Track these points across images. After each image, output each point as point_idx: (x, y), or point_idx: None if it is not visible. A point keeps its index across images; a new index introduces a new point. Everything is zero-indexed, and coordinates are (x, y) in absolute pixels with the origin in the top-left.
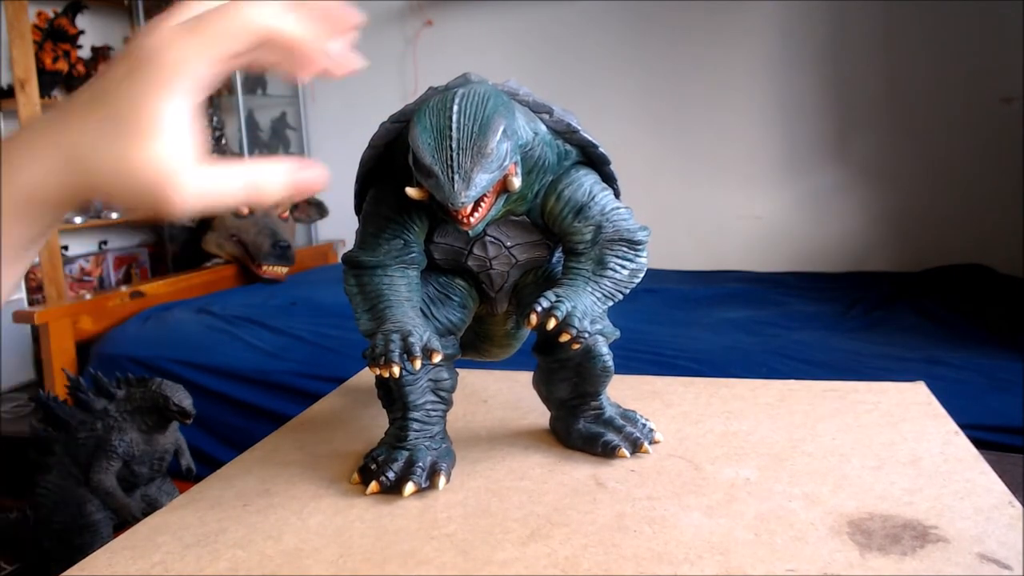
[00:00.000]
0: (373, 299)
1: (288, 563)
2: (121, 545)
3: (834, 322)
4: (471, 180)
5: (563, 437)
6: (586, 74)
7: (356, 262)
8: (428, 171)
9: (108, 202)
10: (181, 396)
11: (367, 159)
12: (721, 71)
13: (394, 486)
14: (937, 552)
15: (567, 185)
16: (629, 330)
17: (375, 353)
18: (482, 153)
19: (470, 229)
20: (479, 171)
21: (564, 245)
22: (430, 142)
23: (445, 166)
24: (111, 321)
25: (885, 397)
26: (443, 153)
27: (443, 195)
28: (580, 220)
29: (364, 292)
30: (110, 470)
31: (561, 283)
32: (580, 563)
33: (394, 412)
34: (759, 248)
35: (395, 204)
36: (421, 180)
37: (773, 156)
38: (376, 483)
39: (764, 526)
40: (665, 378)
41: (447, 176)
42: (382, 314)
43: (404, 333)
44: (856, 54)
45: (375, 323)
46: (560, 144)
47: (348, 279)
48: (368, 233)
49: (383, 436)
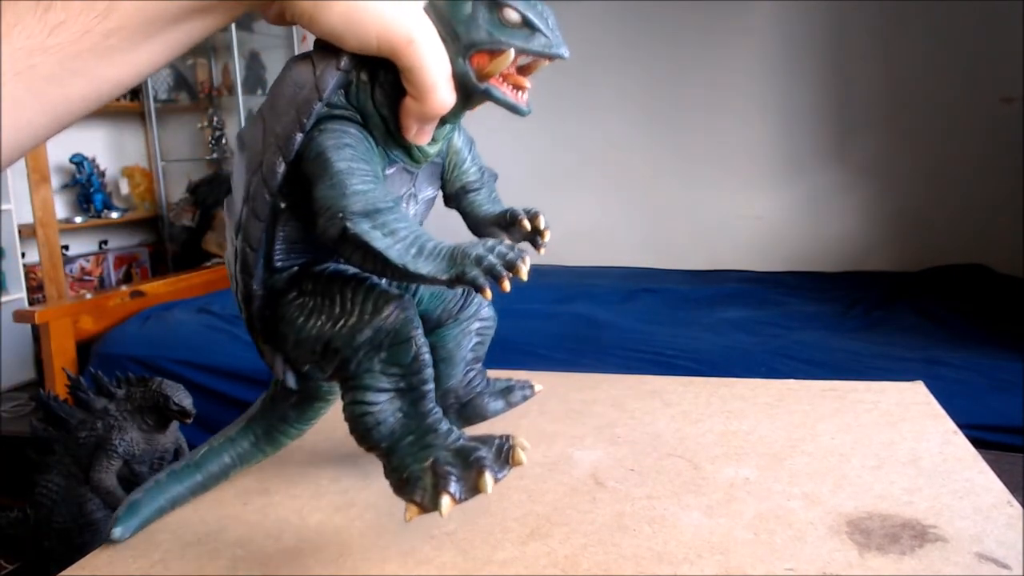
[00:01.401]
0: (413, 239)
1: (288, 563)
2: (121, 544)
3: (834, 322)
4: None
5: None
6: (586, 74)
7: (374, 208)
8: (531, 23)
9: (332, 8)
10: (181, 396)
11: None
12: (721, 71)
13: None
14: (936, 551)
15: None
16: (629, 330)
17: (493, 267)
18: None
19: (527, 107)
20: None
21: (455, 185)
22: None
23: (542, 18)
24: (111, 321)
25: (884, 397)
26: (537, 9)
27: (548, 47)
28: (472, 158)
29: (399, 235)
30: (110, 469)
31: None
32: (580, 563)
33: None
34: (759, 248)
35: (365, 148)
36: (509, 39)
37: (773, 156)
38: (448, 496)
39: (763, 526)
40: (665, 378)
41: (549, 27)
42: (438, 247)
43: (495, 243)
44: (856, 54)
45: (441, 260)
46: None
47: (369, 232)
48: (355, 177)
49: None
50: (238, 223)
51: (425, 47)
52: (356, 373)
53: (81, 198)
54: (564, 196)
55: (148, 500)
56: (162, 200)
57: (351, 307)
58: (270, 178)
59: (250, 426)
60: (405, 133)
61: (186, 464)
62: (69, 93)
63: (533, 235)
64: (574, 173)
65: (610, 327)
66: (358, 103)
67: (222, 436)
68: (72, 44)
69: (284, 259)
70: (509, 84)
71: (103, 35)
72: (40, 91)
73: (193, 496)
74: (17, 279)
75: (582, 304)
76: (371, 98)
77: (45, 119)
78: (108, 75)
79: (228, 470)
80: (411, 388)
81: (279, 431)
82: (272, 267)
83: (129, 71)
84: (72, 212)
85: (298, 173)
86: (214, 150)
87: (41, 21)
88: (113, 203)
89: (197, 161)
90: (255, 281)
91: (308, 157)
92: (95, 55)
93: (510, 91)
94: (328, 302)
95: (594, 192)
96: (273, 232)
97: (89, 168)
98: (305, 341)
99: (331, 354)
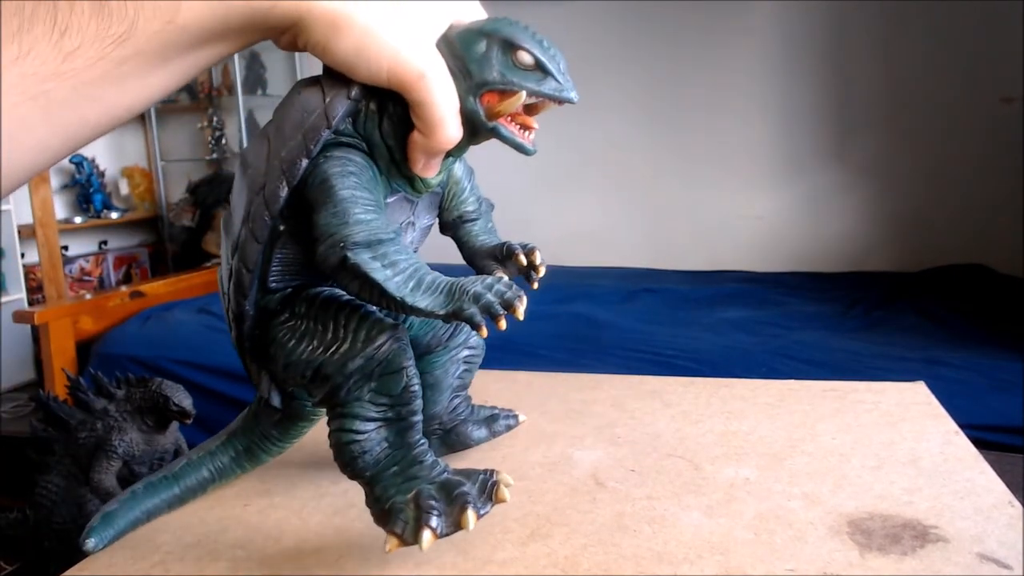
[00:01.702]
0: (412, 272)
1: (288, 563)
2: (121, 545)
3: (834, 322)
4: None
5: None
6: (586, 74)
7: (376, 239)
8: (543, 67)
9: (343, 40)
10: (181, 396)
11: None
12: (721, 71)
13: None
14: (937, 552)
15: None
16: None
17: (490, 306)
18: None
19: (532, 147)
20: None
21: (452, 214)
22: (535, 43)
23: (555, 62)
24: (111, 321)
25: (885, 397)
26: (550, 54)
27: (559, 91)
28: (470, 188)
29: (399, 267)
30: (110, 470)
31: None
32: (580, 563)
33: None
34: (759, 248)
35: (368, 177)
36: (521, 81)
37: (773, 156)
38: (430, 531)
39: (764, 526)
40: (665, 378)
41: (560, 71)
42: (436, 281)
43: (493, 281)
44: (856, 54)
45: (439, 295)
46: None
47: (369, 263)
48: (358, 206)
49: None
50: (235, 243)
51: (435, 83)
52: (345, 400)
53: (81, 198)
54: (564, 196)
55: (123, 511)
56: (162, 200)
57: (344, 334)
58: (272, 202)
59: (231, 441)
60: (412, 166)
61: (163, 476)
62: (83, 117)
63: (528, 270)
64: (574, 173)
65: (610, 327)
66: (365, 132)
67: (202, 449)
68: (86, 70)
69: (279, 280)
70: (516, 123)
71: (117, 62)
72: (54, 115)
73: (170, 509)
74: (17, 279)
75: (582, 304)
76: (378, 128)
77: (58, 141)
78: (120, 101)
79: (206, 484)
80: (399, 418)
81: (260, 448)
82: (266, 287)
83: (141, 96)
84: (72, 212)
85: (301, 198)
86: (214, 150)
87: (56, 47)
88: (113, 203)
89: (197, 161)
90: (248, 302)
91: (312, 183)
92: (108, 81)
93: (517, 130)
94: (321, 327)
95: (594, 192)
96: (270, 253)
97: (89, 168)
98: (295, 364)
99: (321, 380)
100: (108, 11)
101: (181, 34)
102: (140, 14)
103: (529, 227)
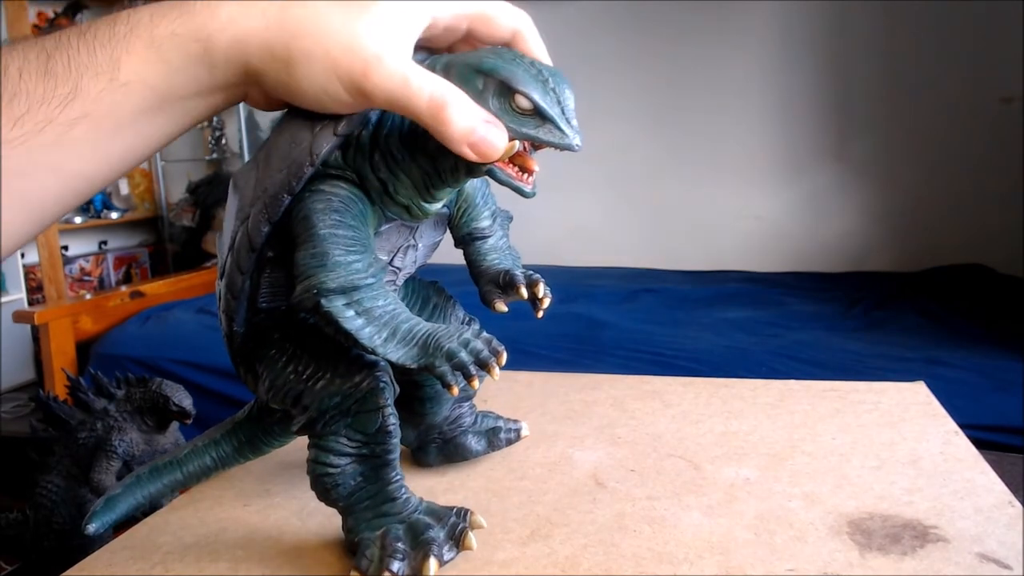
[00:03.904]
0: (387, 320)
1: (288, 563)
2: (121, 545)
3: (834, 322)
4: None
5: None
6: (586, 74)
7: (351, 285)
8: (542, 113)
9: (294, 68)
10: (181, 396)
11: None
12: (721, 71)
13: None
14: (937, 552)
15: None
16: (629, 330)
17: (463, 366)
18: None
19: (531, 189)
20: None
21: (462, 231)
22: (536, 85)
23: (559, 106)
24: (111, 321)
25: (885, 397)
26: (552, 96)
27: (559, 139)
28: (483, 203)
29: (372, 316)
30: (110, 470)
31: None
32: (580, 563)
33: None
34: (759, 248)
35: (355, 212)
36: (518, 128)
37: (773, 156)
38: (390, 574)
39: (764, 526)
40: (665, 378)
41: (564, 117)
42: (412, 331)
43: (470, 337)
44: (856, 54)
45: (413, 347)
46: None
47: (342, 311)
48: (338, 247)
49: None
50: (222, 269)
51: (415, 82)
52: (321, 433)
53: None
54: (564, 196)
55: (126, 495)
56: (162, 200)
57: (325, 366)
58: (255, 236)
59: (235, 430)
60: (466, 159)
61: (168, 462)
62: (44, 187)
63: (532, 300)
64: (574, 173)
65: (610, 327)
66: (355, 165)
67: (206, 437)
68: (36, 135)
69: (269, 301)
70: (515, 165)
71: (67, 125)
72: (13, 188)
73: (172, 494)
74: (17, 279)
75: (582, 304)
76: (368, 162)
77: (22, 217)
78: (80, 169)
79: (209, 471)
80: (374, 455)
81: (263, 441)
82: (256, 307)
83: (101, 166)
84: (71, 212)
85: (285, 228)
86: (214, 150)
87: (6, 114)
88: (113, 203)
89: (197, 161)
90: (236, 323)
91: (296, 216)
92: (62, 147)
93: (515, 172)
94: (306, 356)
95: (594, 192)
96: (258, 278)
97: None
98: (279, 388)
99: (300, 409)
100: (53, 73)
101: (128, 94)
102: (84, 73)
103: (529, 226)
